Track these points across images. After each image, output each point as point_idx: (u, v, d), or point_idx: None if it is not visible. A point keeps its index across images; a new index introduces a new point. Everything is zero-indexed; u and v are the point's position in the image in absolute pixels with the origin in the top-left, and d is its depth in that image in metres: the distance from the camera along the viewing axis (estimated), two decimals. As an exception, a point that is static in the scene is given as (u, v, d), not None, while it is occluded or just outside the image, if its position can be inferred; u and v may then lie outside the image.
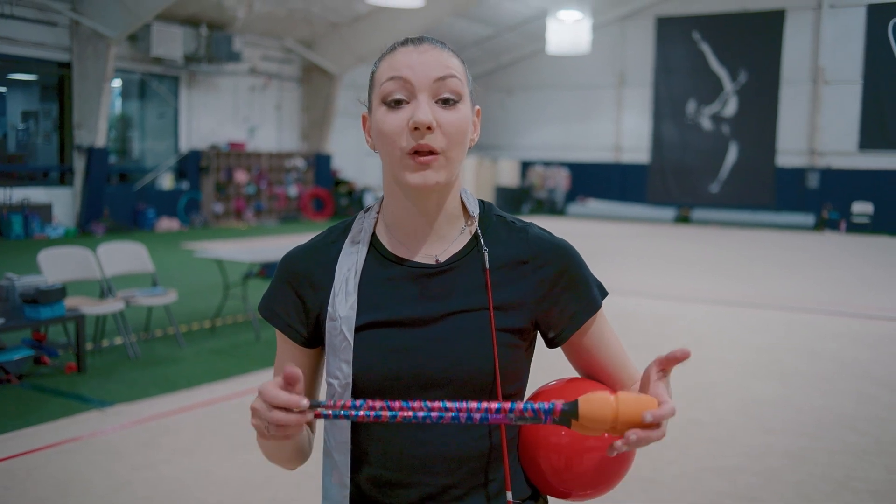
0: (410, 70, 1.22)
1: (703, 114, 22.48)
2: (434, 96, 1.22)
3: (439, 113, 1.22)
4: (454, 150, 1.23)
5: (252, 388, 5.63)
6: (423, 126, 1.19)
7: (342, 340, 1.25)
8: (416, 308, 1.26)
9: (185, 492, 3.87)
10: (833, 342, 7.39)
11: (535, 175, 24.49)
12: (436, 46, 1.26)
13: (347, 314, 1.26)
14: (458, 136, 1.23)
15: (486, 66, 25.56)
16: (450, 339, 1.25)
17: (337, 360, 1.26)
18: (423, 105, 1.20)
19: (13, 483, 3.93)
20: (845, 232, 19.72)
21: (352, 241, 1.32)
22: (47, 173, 16.44)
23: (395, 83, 1.22)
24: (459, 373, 1.24)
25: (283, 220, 19.88)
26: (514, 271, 1.31)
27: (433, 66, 1.22)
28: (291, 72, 20.69)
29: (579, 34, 19.19)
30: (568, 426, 1.05)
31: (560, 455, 1.24)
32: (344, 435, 1.27)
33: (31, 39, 14.86)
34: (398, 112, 1.22)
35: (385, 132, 1.23)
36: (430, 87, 1.22)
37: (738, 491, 3.96)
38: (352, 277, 1.28)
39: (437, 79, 1.22)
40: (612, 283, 10.74)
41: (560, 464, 1.24)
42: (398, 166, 1.23)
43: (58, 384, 5.61)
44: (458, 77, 1.24)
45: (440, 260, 1.29)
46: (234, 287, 7.97)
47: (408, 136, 1.21)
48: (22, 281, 5.75)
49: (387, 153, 1.24)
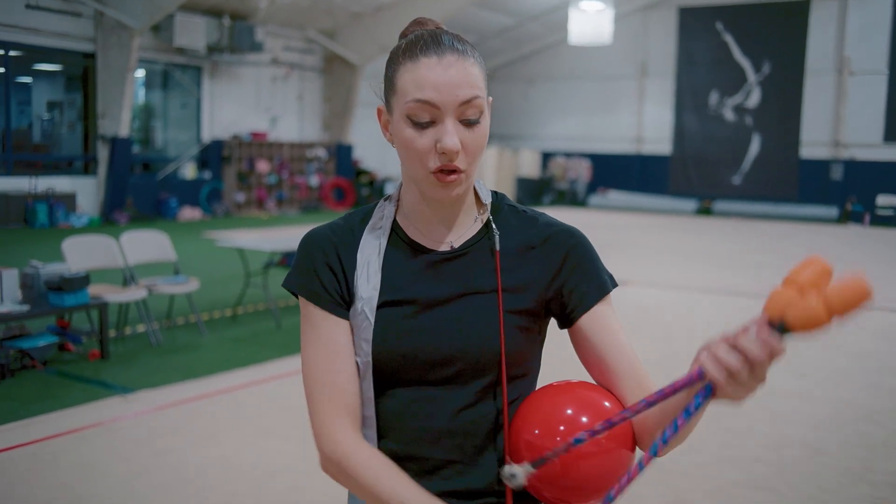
0: (436, 92, 1.23)
1: (726, 105, 22.32)
2: (459, 117, 1.25)
3: (464, 134, 1.25)
4: (473, 165, 1.29)
5: (272, 375, 5.69)
6: (451, 153, 1.23)
7: (363, 319, 1.31)
8: (432, 290, 1.32)
9: (205, 478, 3.93)
10: (851, 334, 7.35)
11: (557, 166, 24.42)
12: (458, 56, 1.25)
13: (370, 294, 1.31)
14: (479, 152, 1.28)
15: (508, 55, 25.50)
16: (461, 319, 1.31)
17: (358, 339, 1.31)
18: (451, 130, 1.23)
19: (37, 466, 4.00)
20: (869, 225, 19.53)
21: (373, 227, 1.37)
22: (72, 163, 16.60)
23: (422, 107, 1.24)
24: (469, 352, 1.30)
25: (304, 209, 19.96)
26: (524, 256, 1.36)
27: (459, 87, 1.23)
28: (313, 62, 20.74)
29: (601, 24, 19.10)
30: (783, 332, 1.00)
31: (555, 464, 1.21)
32: (370, 410, 1.32)
33: (56, 30, 14.99)
34: (424, 132, 1.25)
35: (411, 149, 1.26)
36: (455, 109, 1.24)
37: (754, 481, 3.97)
38: (374, 261, 1.34)
39: (463, 102, 1.24)
40: (632, 275, 10.81)
41: (555, 471, 1.21)
42: (423, 182, 1.28)
43: (81, 370, 5.69)
44: (480, 95, 1.26)
45: (455, 245, 1.35)
46: (255, 276, 8.03)
47: (434, 157, 1.25)
48: (46, 269, 5.83)
49: (410, 166, 1.28)
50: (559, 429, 1.22)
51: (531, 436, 1.24)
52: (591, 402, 1.27)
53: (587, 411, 1.25)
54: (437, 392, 1.31)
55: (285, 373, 5.77)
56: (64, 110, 17.02)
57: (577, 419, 1.23)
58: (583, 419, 1.23)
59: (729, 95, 22.25)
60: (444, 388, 1.31)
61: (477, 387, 1.31)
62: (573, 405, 1.26)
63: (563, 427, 1.22)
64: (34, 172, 15.32)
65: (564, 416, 1.24)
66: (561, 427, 1.23)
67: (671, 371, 4.12)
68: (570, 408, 1.25)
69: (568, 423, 1.23)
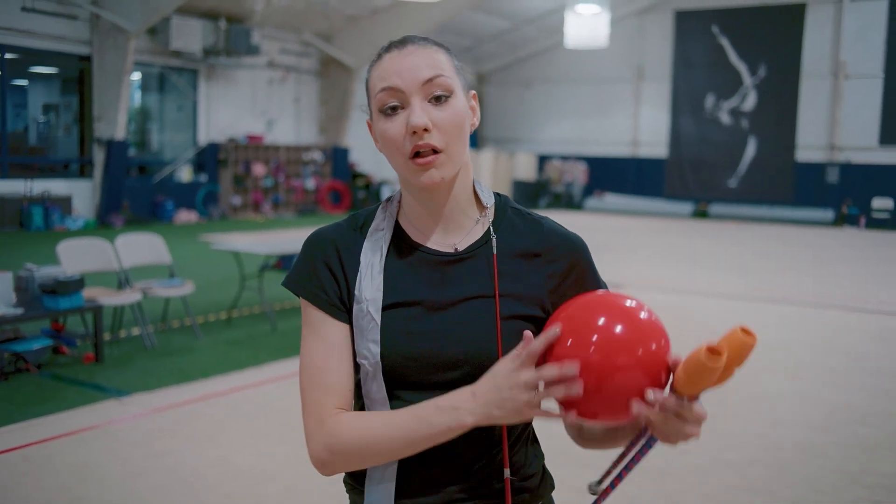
0: (399, 77, 1.27)
1: (722, 108, 22.35)
2: (426, 97, 1.27)
3: (433, 112, 1.27)
4: (454, 145, 1.29)
5: (268, 378, 5.68)
6: (419, 129, 1.25)
7: (369, 321, 1.31)
8: (436, 293, 1.33)
9: (201, 481, 3.92)
10: (847, 337, 7.36)
11: (553, 169, 24.44)
12: (419, 46, 1.30)
13: (374, 296, 1.32)
14: (456, 130, 1.29)
15: (504, 59, 25.52)
16: (464, 322, 1.31)
17: (365, 341, 1.31)
18: (417, 108, 1.26)
19: (32, 470, 3.99)
20: (865, 227, 19.56)
21: (376, 229, 1.38)
22: (67, 165, 16.58)
23: (387, 93, 1.28)
24: (472, 356, 1.30)
25: (300, 212, 19.95)
26: (528, 262, 1.36)
27: (420, 69, 1.27)
28: (309, 65, 20.74)
29: (597, 28, 19.09)
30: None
31: (591, 376, 1.18)
32: (385, 408, 1.32)
33: (52, 33, 14.98)
34: (395, 119, 1.28)
35: (387, 140, 1.30)
36: (420, 89, 1.27)
37: (749, 484, 3.97)
38: (377, 262, 1.34)
39: (426, 81, 1.27)
40: (627, 278, 10.80)
41: (590, 385, 1.18)
42: (404, 170, 1.30)
43: (76, 373, 5.68)
44: (445, 74, 1.29)
45: (458, 248, 1.35)
46: (251, 279, 8.02)
47: (408, 139, 1.27)
48: (41, 272, 5.82)
49: (393, 159, 1.31)
50: (592, 338, 1.19)
51: (563, 348, 1.20)
52: (622, 309, 1.24)
53: (620, 318, 1.22)
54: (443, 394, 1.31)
55: (281, 376, 5.77)
56: (60, 113, 17.00)
57: (611, 327, 1.20)
58: (617, 328, 1.20)
59: (725, 98, 22.28)
60: (449, 392, 1.30)
61: None
62: (605, 313, 1.23)
63: (597, 336, 1.19)
64: (30, 175, 15.29)
65: (597, 325, 1.21)
66: (594, 336, 1.19)
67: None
68: (602, 316, 1.22)
69: (601, 332, 1.20)
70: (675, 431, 1.21)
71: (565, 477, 3.87)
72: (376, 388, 1.31)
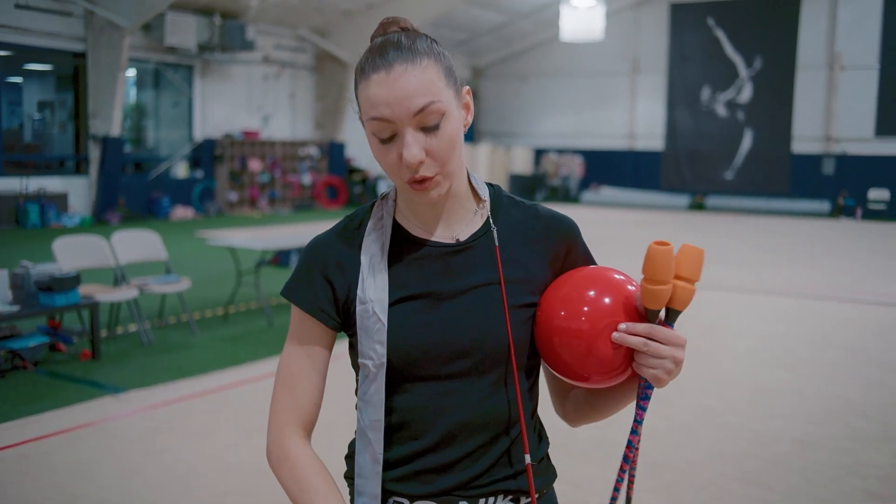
0: (389, 108, 1.22)
1: (718, 100, 22.35)
2: (418, 126, 1.23)
3: (427, 141, 1.24)
4: (449, 165, 1.27)
5: (264, 374, 5.69)
6: (412, 166, 1.23)
7: (375, 322, 1.31)
8: (442, 283, 1.34)
9: (197, 477, 3.92)
10: (843, 329, 7.37)
11: (549, 162, 24.44)
12: (406, 65, 1.22)
13: (379, 296, 1.32)
14: (450, 153, 1.26)
15: (500, 53, 25.50)
16: (472, 311, 1.33)
17: (370, 342, 1.31)
18: (410, 142, 1.23)
19: (28, 467, 3.99)
20: (861, 219, 19.59)
21: (374, 226, 1.38)
22: (63, 162, 16.56)
23: (379, 124, 1.24)
24: (481, 344, 1.32)
25: (296, 208, 19.94)
26: (527, 248, 1.39)
27: (411, 98, 1.22)
28: (305, 60, 20.70)
29: (593, 21, 19.09)
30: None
31: (581, 340, 1.28)
32: (378, 413, 1.32)
33: (46, 30, 14.94)
34: (389, 148, 1.26)
35: (382, 164, 1.28)
36: (411, 120, 1.23)
37: (746, 476, 3.98)
38: (379, 260, 1.34)
39: (418, 111, 1.22)
40: (625, 271, 10.65)
41: (582, 350, 1.28)
42: (402, 189, 1.30)
43: (72, 370, 5.68)
44: (437, 99, 1.23)
45: (460, 239, 1.36)
46: (247, 275, 8.02)
47: (402, 170, 1.25)
48: (37, 269, 5.81)
49: (390, 177, 1.30)
50: (583, 308, 1.30)
51: (559, 319, 1.31)
52: (610, 281, 1.34)
53: (608, 290, 1.32)
54: (454, 385, 1.32)
55: (278, 371, 5.76)
56: (55, 110, 16.96)
57: (600, 297, 1.31)
58: (605, 300, 1.30)
59: (721, 91, 22.28)
60: (459, 381, 1.32)
61: (491, 379, 1.33)
62: (595, 285, 1.33)
63: (587, 307, 1.30)
64: (25, 173, 15.27)
65: (588, 296, 1.31)
66: (585, 307, 1.30)
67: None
68: (592, 288, 1.32)
69: (591, 302, 1.30)
70: (657, 362, 1.27)
71: (565, 471, 3.89)
72: (374, 390, 1.31)
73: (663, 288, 1.25)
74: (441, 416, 1.32)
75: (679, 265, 1.27)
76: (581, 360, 1.29)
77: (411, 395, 1.33)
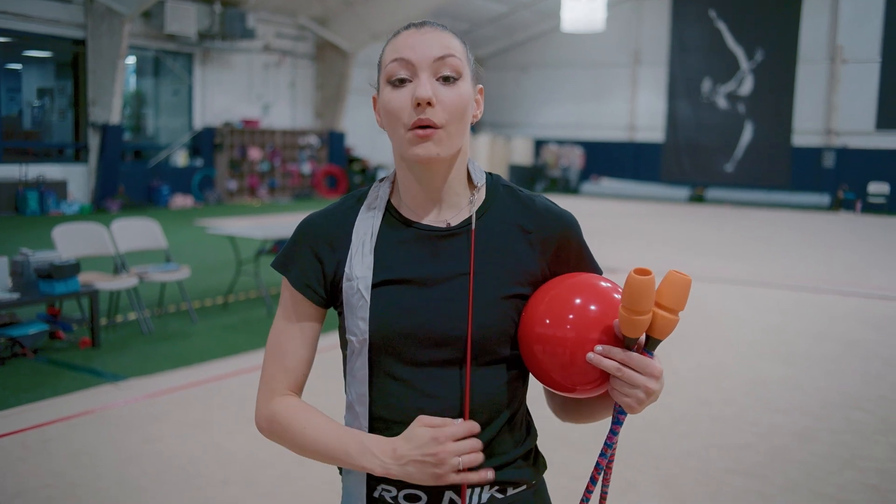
0: (412, 50, 1.30)
1: (719, 92, 22.33)
2: (435, 74, 1.30)
3: (440, 90, 1.29)
4: (454, 126, 1.30)
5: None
6: (423, 101, 1.27)
7: (359, 298, 1.33)
8: (427, 269, 1.34)
9: (195, 466, 3.93)
10: (841, 322, 7.38)
11: (549, 153, 24.42)
12: (437, 29, 1.33)
13: (364, 274, 1.33)
14: (458, 112, 1.30)
15: (501, 43, 25.44)
16: (456, 299, 1.33)
17: (354, 318, 1.33)
18: (424, 82, 1.28)
19: (27, 454, 4.00)
20: (861, 212, 19.59)
21: (368, 207, 1.40)
22: (62, 150, 16.53)
23: (398, 64, 1.30)
24: (458, 334, 1.31)
25: (296, 197, 19.93)
26: (518, 238, 1.38)
27: (434, 46, 1.30)
28: (305, 49, 20.66)
29: (594, 12, 19.03)
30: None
31: (565, 350, 1.27)
32: (363, 387, 1.34)
33: (46, 16, 14.89)
34: (402, 90, 1.30)
35: (390, 109, 1.31)
36: (430, 65, 1.29)
37: (744, 469, 3.99)
38: (368, 240, 1.36)
39: (438, 58, 1.29)
40: (624, 262, 10.80)
41: (565, 359, 1.27)
42: (402, 141, 1.31)
43: (72, 358, 5.68)
44: (457, 56, 1.31)
45: (451, 224, 1.37)
46: (247, 263, 8.02)
47: (410, 111, 1.29)
48: (37, 256, 5.81)
49: (392, 130, 1.32)
50: (568, 317, 1.28)
51: (542, 326, 1.30)
52: (597, 290, 1.32)
53: (594, 299, 1.30)
54: (435, 373, 1.32)
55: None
56: (54, 97, 16.92)
57: (585, 307, 1.29)
58: (591, 307, 1.29)
59: (722, 83, 22.25)
60: (440, 370, 1.32)
61: (473, 366, 1.32)
62: (581, 294, 1.31)
63: (573, 315, 1.28)
64: (25, 160, 15.25)
65: (573, 304, 1.30)
66: (570, 315, 1.28)
67: (661, 355, 4.12)
68: (578, 297, 1.31)
69: (576, 311, 1.29)
70: (630, 390, 1.25)
71: (562, 462, 3.90)
72: (359, 366, 1.33)
73: (641, 318, 1.21)
74: (422, 404, 1.31)
75: (661, 294, 1.22)
76: (562, 370, 1.28)
77: (393, 382, 1.33)
